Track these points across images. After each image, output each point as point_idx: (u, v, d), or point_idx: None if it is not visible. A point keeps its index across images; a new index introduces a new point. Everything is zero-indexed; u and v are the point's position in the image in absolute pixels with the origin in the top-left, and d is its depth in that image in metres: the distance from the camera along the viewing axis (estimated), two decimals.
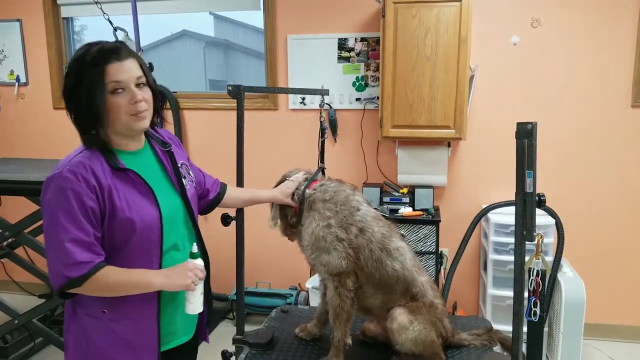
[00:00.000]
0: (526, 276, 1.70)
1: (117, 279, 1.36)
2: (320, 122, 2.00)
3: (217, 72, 3.98)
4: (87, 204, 1.31)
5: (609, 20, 3.10)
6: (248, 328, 2.03)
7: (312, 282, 3.24)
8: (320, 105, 1.93)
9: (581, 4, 3.13)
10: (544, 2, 3.16)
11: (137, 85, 1.36)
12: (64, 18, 3.95)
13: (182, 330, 1.58)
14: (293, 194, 1.86)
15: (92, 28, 4.08)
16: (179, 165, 1.55)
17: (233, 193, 1.86)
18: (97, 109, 1.32)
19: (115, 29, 3.00)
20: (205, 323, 1.71)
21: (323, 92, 1.95)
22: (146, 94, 1.39)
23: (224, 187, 1.84)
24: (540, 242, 1.71)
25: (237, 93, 1.94)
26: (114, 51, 1.33)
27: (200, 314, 1.59)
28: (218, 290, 3.74)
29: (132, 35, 3.01)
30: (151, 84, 1.42)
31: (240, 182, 1.98)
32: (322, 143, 1.88)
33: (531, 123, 1.61)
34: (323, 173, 1.90)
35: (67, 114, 1.40)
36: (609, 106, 3.18)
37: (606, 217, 3.29)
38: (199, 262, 1.50)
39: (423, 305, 1.77)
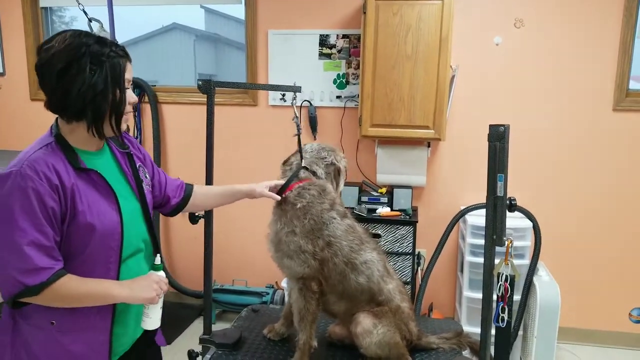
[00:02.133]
0: (495, 281, 1.67)
1: (77, 289, 1.26)
2: (293, 118, 1.96)
3: (207, 66, 3.93)
4: (48, 205, 1.21)
5: (592, 23, 3.10)
6: (222, 326, 2.00)
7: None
8: (292, 103, 1.89)
9: (565, 6, 3.11)
10: (527, 2, 3.14)
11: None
12: (42, 7, 3.86)
13: (132, 333, 1.49)
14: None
15: (83, 19, 3.98)
16: (137, 167, 1.49)
17: (201, 191, 1.76)
18: (123, 101, 1.32)
19: (90, 20, 2.92)
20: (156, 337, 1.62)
21: (295, 89, 1.91)
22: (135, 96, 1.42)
23: (189, 189, 1.73)
24: (510, 247, 1.68)
25: (207, 88, 1.89)
26: (126, 51, 1.36)
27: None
28: (194, 287, 3.70)
29: (107, 27, 2.93)
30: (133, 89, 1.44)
31: (209, 178, 1.93)
32: (299, 139, 1.83)
33: (503, 125, 1.58)
34: (313, 173, 1.84)
35: (59, 94, 1.27)
36: (590, 109, 3.18)
37: (586, 221, 3.29)
38: (162, 274, 1.43)
39: (389, 310, 1.76)
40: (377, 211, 3.16)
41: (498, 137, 1.64)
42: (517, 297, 2.89)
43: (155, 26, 3.90)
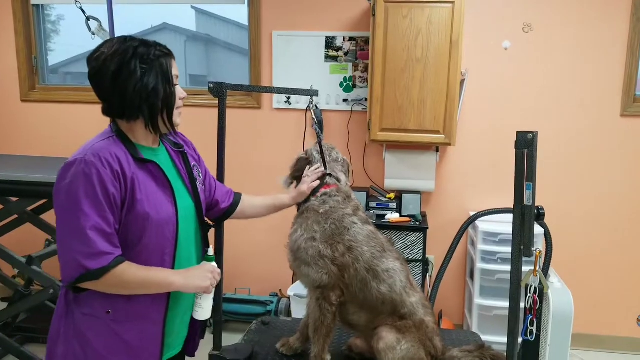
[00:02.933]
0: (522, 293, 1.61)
1: (136, 275, 1.28)
2: (313, 125, 1.90)
3: (198, 67, 3.85)
4: (110, 191, 1.24)
5: (599, 28, 3.06)
6: (226, 336, 1.93)
7: (294, 289, 3.12)
8: (309, 107, 1.82)
9: (573, 11, 3.08)
10: (536, 7, 3.10)
11: None
12: (34, 5, 3.74)
13: (176, 342, 1.51)
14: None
15: (70, 18, 3.89)
16: (192, 166, 1.51)
17: (249, 200, 1.78)
18: (174, 96, 1.37)
19: (88, 19, 2.82)
20: (199, 337, 1.62)
21: (312, 93, 1.84)
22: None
23: (237, 196, 1.75)
24: (539, 257, 1.62)
25: (220, 91, 1.83)
26: (169, 50, 1.41)
27: (194, 327, 1.54)
28: None
29: (106, 26, 2.83)
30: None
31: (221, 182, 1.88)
32: (320, 146, 1.77)
33: (532, 132, 1.52)
34: (337, 180, 1.80)
35: (114, 95, 1.32)
36: (598, 115, 3.15)
37: (594, 226, 3.25)
38: (215, 265, 1.46)
39: (412, 324, 1.69)
40: (386, 217, 3.10)
41: (526, 144, 1.58)
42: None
43: (145, 26, 3.83)
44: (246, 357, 1.86)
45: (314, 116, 1.78)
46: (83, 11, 2.85)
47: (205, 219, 1.57)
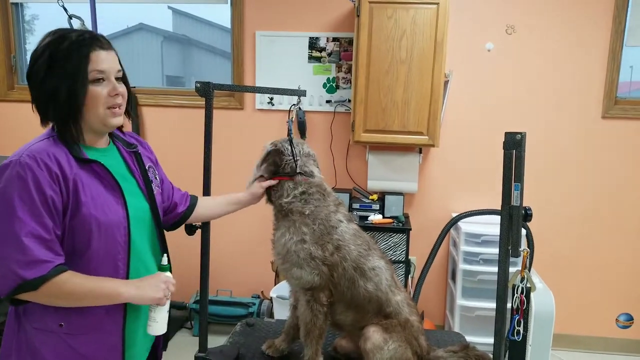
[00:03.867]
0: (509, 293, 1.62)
1: (80, 286, 1.19)
2: (287, 122, 1.87)
3: (174, 67, 3.81)
4: (48, 194, 1.16)
5: (581, 31, 3.12)
6: (208, 338, 1.88)
7: (277, 290, 3.09)
8: (293, 107, 1.80)
9: (556, 13, 3.13)
10: (519, 9, 3.15)
11: (116, 79, 1.28)
12: (12, 3, 3.64)
13: (140, 352, 1.44)
14: (270, 196, 1.73)
15: (44, 17, 3.79)
16: (147, 167, 1.43)
17: (205, 202, 1.73)
18: (78, 98, 1.22)
19: (70, 17, 2.74)
20: (161, 349, 1.56)
21: (300, 93, 1.82)
22: (123, 89, 1.30)
23: (194, 199, 1.70)
24: (527, 258, 1.63)
25: (206, 91, 1.79)
26: (97, 39, 1.25)
27: (157, 337, 1.46)
28: (176, 298, 3.54)
29: (89, 25, 2.76)
30: (127, 81, 1.34)
31: (207, 186, 1.84)
32: (290, 142, 1.74)
33: (520, 133, 1.53)
34: (309, 172, 1.74)
35: (32, 101, 1.27)
36: (580, 117, 3.20)
37: (575, 227, 3.30)
38: (170, 275, 1.36)
39: (398, 323, 1.68)
40: (369, 218, 3.10)
41: (514, 145, 1.59)
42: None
43: (121, 26, 3.77)
44: (232, 358, 1.82)
45: (292, 116, 1.75)
46: (65, 9, 2.77)
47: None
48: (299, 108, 3.30)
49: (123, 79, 1.32)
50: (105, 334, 1.29)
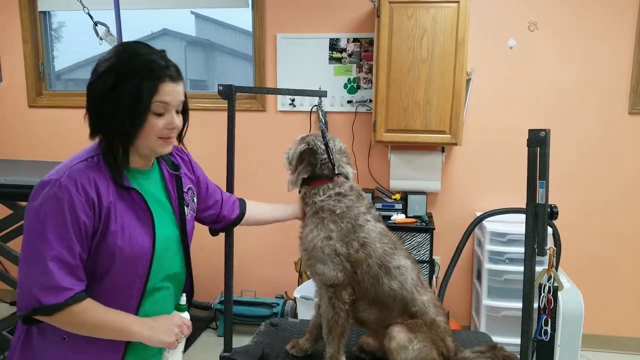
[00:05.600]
0: (536, 292, 1.60)
1: (94, 317, 1.19)
2: (320, 125, 1.88)
3: (198, 72, 3.86)
4: (80, 220, 1.15)
5: (606, 26, 3.06)
6: (232, 338, 1.90)
7: (301, 290, 3.10)
8: (317, 108, 1.81)
9: (579, 8, 3.07)
10: (541, 4, 3.10)
11: (177, 111, 1.27)
12: (40, 12, 3.75)
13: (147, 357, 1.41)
14: (305, 196, 1.74)
15: (71, 25, 3.89)
16: (185, 190, 1.42)
17: (254, 211, 1.76)
18: (135, 126, 1.19)
19: (95, 24, 2.82)
20: None
21: (321, 94, 1.83)
22: (179, 121, 1.29)
23: (243, 206, 1.72)
24: (553, 256, 1.60)
25: (229, 93, 1.81)
26: (168, 67, 1.23)
27: None
28: (201, 298, 3.59)
29: (113, 31, 2.83)
30: (187, 110, 1.33)
31: (230, 188, 1.86)
32: (326, 145, 1.74)
33: (544, 130, 1.51)
34: (345, 175, 1.76)
35: (87, 111, 1.24)
36: (606, 113, 3.14)
37: (603, 225, 3.24)
38: (187, 316, 1.36)
39: (423, 323, 1.67)
40: (392, 218, 3.09)
41: (539, 142, 1.56)
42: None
43: (145, 32, 3.84)
44: (257, 358, 1.83)
45: (320, 117, 1.76)
46: (91, 16, 2.84)
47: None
48: (322, 110, 3.31)
49: (183, 108, 1.31)
50: (106, 353, 1.28)
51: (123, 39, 2.83)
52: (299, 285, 3.28)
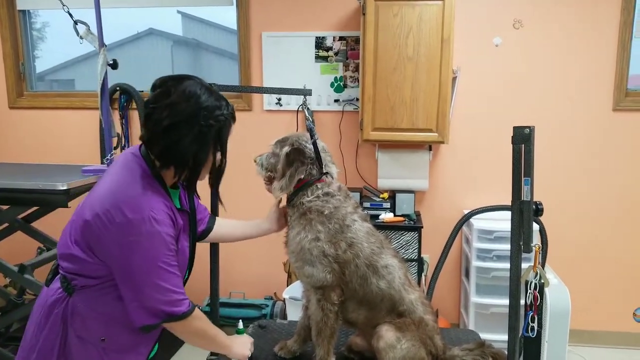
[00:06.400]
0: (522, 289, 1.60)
1: (207, 327, 1.42)
2: (306, 122, 1.86)
3: (185, 71, 3.78)
4: (173, 241, 1.32)
5: (590, 23, 3.08)
6: None
7: (289, 291, 3.08)
8: (301, 107, 1.79)
9: (563, 6, 3.09)
10: (526, 2, 3.11)
11: None
12: (20, 10, 3.68)
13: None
14: (289, 199, 1.70)
15: (55, 25, 3.82)
16: (197, 203, 1.57)
17: (220, 229, 1.77)
18: (223, 167, 1.41)
19: (75, 23, 2.76)
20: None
21: (305, 92, 1.82)
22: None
23: (212, 221, 1.73)
24: (539, 253, 1.61)
25: None
26: (234, 114, 1.42)
27: None
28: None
29: (94, 30, 2.78)
30: None
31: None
32: (315, 145, 1.71)
33: (529, 127, 1.51)
34: (331, 175, 1.72)
35: (159, 146, 1.31)
36: (590, 109, 3.16)
37: (588, 221, 3.26)
38: (249, 337, 1.64)
39: (412, 322, 1.67)
40: (380, 217, 3.08)
41: (523, 139, 1.57)
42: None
43: (132, 31, 3.78)
44: None
45: (307, 115, 1.74)
46: (70, 15, 2.79)
47: None
48: (307, 108, 3.29)
49: None
50: (136, 355, 1.42)
51: (107, 41, 2.78)
52: (288, 286, 3.25)
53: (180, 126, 1.27)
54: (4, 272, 2.61)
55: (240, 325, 1.60)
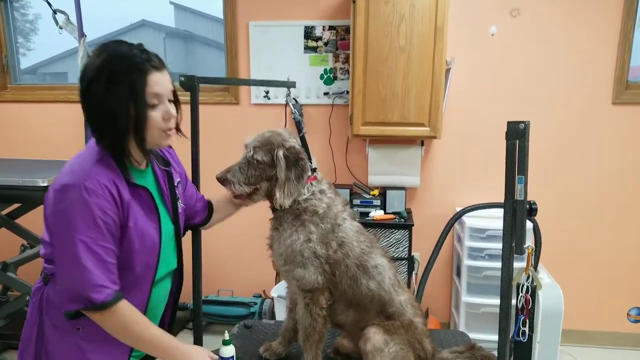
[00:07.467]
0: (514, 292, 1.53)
1: (137, 325, 1.27)
2: (293, 116, 1.77)
3: (178, 63, 3.73)
4: (109, 219, 1.21)
5: (591, 12, 2.97)
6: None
7: (278, 290, 3.01)
8: (286, 99, 1.71)
9: None
10: None
11: (169, 100, 1.29)
12: (1, 1, 3.55)
13: None
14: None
15: (47, 17, 3.72)
16: (175, 185, 1.46)
17: (216, 214, 1.73)
18: (139, 121, 1.22)
19: (54, 12, 2.68)
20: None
21: (289, 85, 1.74)
22: (174, 108, 1.30)
23: (210, 209, 1.70)
24: (532, 255, 1.53)
25: (191, 85, 1.71)
26: (152, 59, 1.25)
27: (161, 323, 1.52)
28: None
29: (73, 19, 2.68)
30: (178, 99, 1.33)
31: (196, 183, 1.80)
32: (303, 139, 1.64)
33: (524, 122, 1.43)
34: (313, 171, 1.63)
35: (87, 120, 1.26)
36: (589, 103, 3.07)
37: (584, 219, 3.19)
38: (231, 349, 1.49)
39: (401, 325, 1.63)
40: (370, 215, 3.01)
41: (518, 135, 1.49)
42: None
43: (123, 23, 3.71)
44: None
45: (293, 110, 1.66)
46: (49, 4, 2.70)
47: None
48: (295, 101, 3.20)
49: (174, 98, 1.31)
50: (115, 348, 1.32)
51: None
52: (276, 284, 3.18)
53: (89, 90, 1.21)
54: None
55: (227, 336, 1.50)
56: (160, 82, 1.23)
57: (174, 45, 3.76)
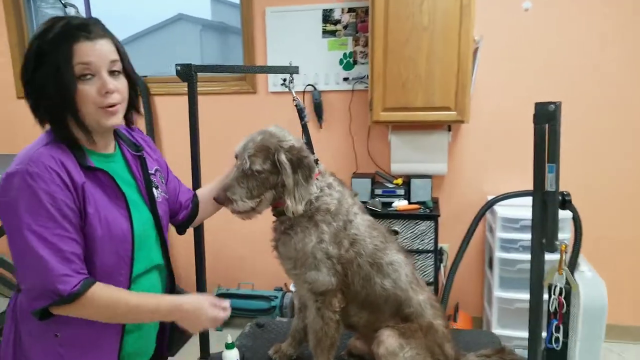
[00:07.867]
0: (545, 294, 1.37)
1: (119, 297, 1.17)
2: (295, 103, 1.66)
3: (214, 56, 3.73)
4: (61, 202, 1.10)
5: None
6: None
7: None
8: (287, 85, 1.59)
9: None
10: None
11: (111, 72, 1.15)
12: None
13: (144, 351, 1.39)
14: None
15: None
16: (152, 172, 1.35)
17: (207, 209, 1.57)
18: (67, 95, 1.11)
19: (65, 5, 2.66)
20: (168, 339, 1.46)
21: (292, 70, 1.61)
22: (120, 83, 1.17)
23: (195, 202, 1.54)
24: (565, 252, 1.37)
25: (187, 74, 1.62)
26: (83, 27, 1.12)
27: (162, 329, 1.42)
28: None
29: (83, 12, 2.65)
30: (128, 71, 1.21)
31: (196, 176, 1.73)
32: (304, 127, 1.53)
33: (554, 103, 1.26)
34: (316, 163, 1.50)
35: (26, 100, 1.18)
36: (628, 84, 2.81)
37: (625, 207, 2.95)
38: (235, 353, 1.45)
39: (419, 328, 1.52)
40: (393, 205, 2.87)
41: (547, 118, 1.32)
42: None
43: (161, 18, 3.74)
44: None
45: (294, 96, 1.54)
46: None
47: None
48: (314, 88, 3.08)
49: (126, 72, 1.19)
50: (100, 352, 1.23)
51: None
52: None
53: (24, 67, 1.14)
54: None
55: (229, 339, 1.44)
56: (91, 52, 1.11)
57: (209, 37, 3.77)
